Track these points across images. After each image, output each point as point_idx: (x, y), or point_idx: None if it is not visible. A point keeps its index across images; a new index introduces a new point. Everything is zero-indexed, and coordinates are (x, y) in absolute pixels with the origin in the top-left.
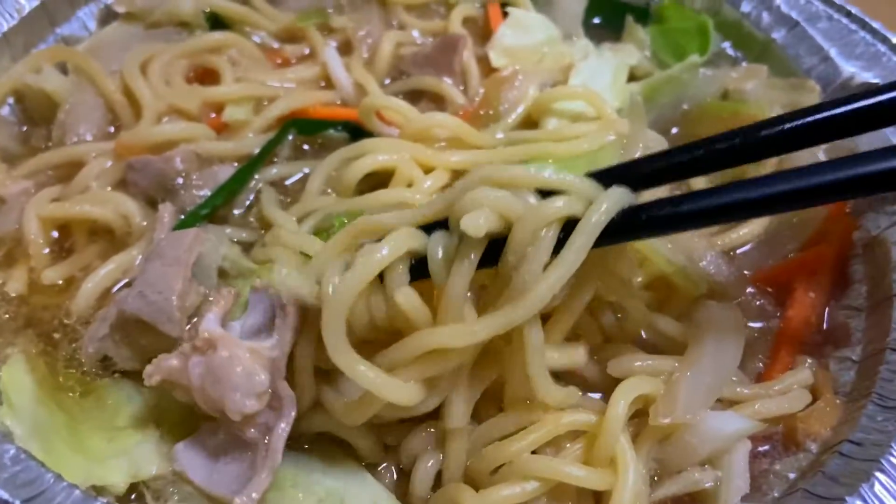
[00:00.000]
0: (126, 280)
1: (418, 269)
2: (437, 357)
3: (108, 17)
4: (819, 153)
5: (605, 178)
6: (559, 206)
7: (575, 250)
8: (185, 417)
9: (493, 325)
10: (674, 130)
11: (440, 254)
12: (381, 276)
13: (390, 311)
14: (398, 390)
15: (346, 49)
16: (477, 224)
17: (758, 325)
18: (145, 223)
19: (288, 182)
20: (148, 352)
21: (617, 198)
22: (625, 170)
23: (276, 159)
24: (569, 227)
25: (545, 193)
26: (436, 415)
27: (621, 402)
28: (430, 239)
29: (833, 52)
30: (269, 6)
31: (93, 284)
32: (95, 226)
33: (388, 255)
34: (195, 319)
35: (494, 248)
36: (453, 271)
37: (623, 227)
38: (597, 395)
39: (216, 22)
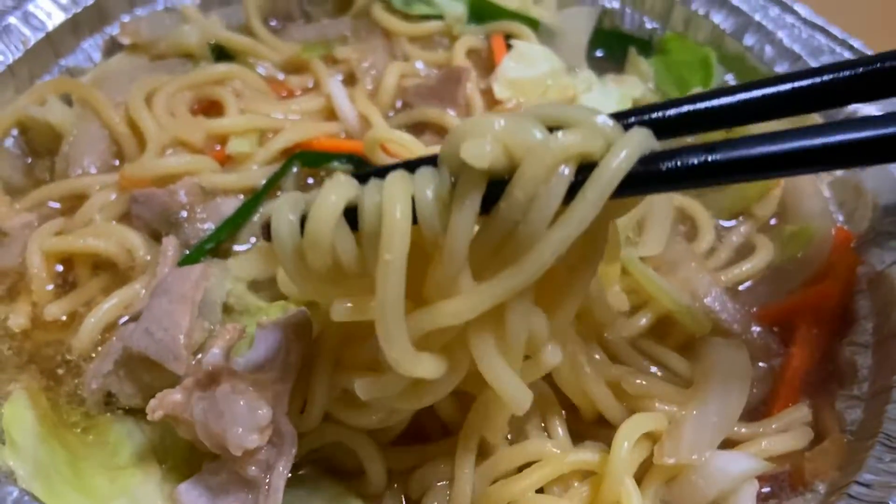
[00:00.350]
0: (129, 315)
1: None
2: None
3: (112, 48)
4: None
5: (619, 120)
6: (577, 140)
7: (591, 198)
8: (187, 456)
9: (498, 291)
10: None
11: (430, 196)
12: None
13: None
14: (416, 362)
15: (350, 80)
16: (482, 151)
17: (762, 363)
18: (149, 257)
19: None
20: (152, 388)
21: (639, 141)
22: (640, 113)
23: (280, 192)
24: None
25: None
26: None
27: (625, 444)
28: (417, 176)
29: None
30: (274, 37)
31: (95, 320)
32: (98, 259)
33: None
34: (199, 355)
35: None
36: (453, 219)
37: (643, 177)
38: None
39: (221, 53)
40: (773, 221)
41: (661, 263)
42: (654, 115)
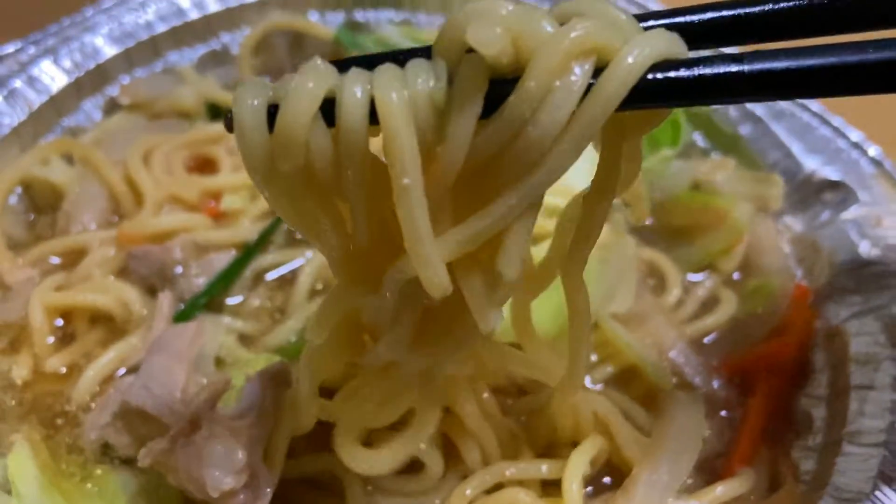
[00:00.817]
0: (125, 368)
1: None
2: None
3: (112, 108)
4: None
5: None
6: (594, 30)
7: (604, 98)
8: None
9: (511, 203)
10: (648, 221)
11: (426, 92)
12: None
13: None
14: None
15: None
16: (492, 35)
17: (723, 413)
18: (145, 311)
19: (278, 274)
20: (147, 439)
21: (664, 42)
22: (661, 17)
23: (271, 246)
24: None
25: None
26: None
27: (573, 485)
28: (409, 70)
29: (795, 149)
30: None
31: (94, 373)
32: (96, 313)
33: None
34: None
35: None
36: (454, 121)
37: (665, 85)
38: None
39: (215, 111)
40: (736, 276)
41: (630, 316)
42: (679, 20)
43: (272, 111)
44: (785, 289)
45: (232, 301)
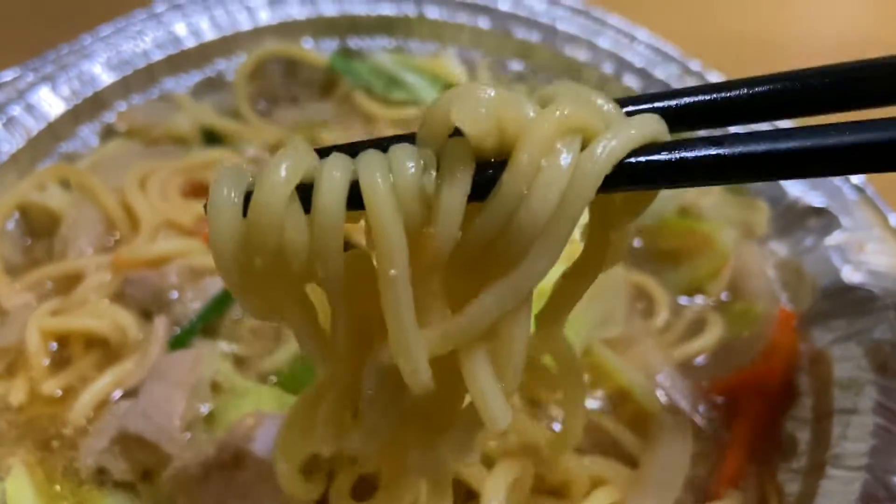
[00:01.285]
0: (121, 391)
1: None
2: None
3: (109, 134)
4: None
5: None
6: (579, 110)
7: (593, 174)
8: None
9: (504, 293)
10: (636, 243)
11: (412, 176)
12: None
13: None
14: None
15: None
16: (477, 115)
17: (709, 432)
18: (141, 335)
19: None
20: (144, 465)
21: (648, 125)
22: (643, 102)
23: None
24: None
25: None
26: None
27: None
28: (392, 154)
29: None
30: (260, 121)
31: (90, 396)
32: (92, 337)
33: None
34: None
35: None
36: (444, 200)
37: (649, 169)
38: None
39: (211, 136)
40: (723, 298)
41: (619, 340)
42: (660, 105)
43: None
44: (770, 313)
45: (228, 324)
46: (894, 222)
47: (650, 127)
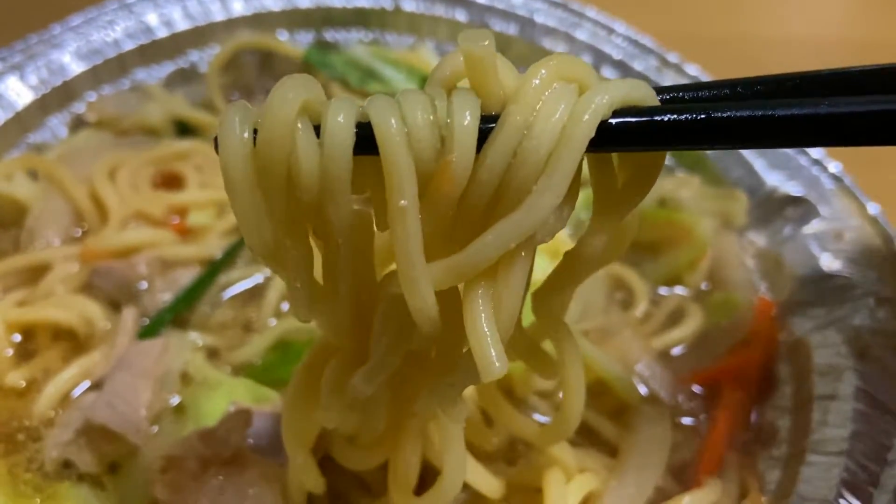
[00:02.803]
0: (87, 383)
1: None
2: None
3: (78, 124)
4: None
5: None
6: (576, 66)
7: (591, 113)
8: None
9: (500, 239)
10: None
11: (424, 112)
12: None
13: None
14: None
15: None
16: (485, 39)
17: (688, 422)
18: (109, 325)
19: (245, 287)
20: (109, 456)
21: (638, 85)
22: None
23: (238, 262)
24: None
25: None
26: None
27: None
28: (402, 95)
29: (758, 165)
30: None
31: (55, 389)
32: (59, 329)
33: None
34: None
35: None
36: (458, 131)
37: (635, 130)
38: None
39: (183, 128)
40: (702, 288)
41: (598, 331)
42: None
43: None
44: (749, 302)
45: (198, 315)
46: (872, 211)
47: (641, 88)
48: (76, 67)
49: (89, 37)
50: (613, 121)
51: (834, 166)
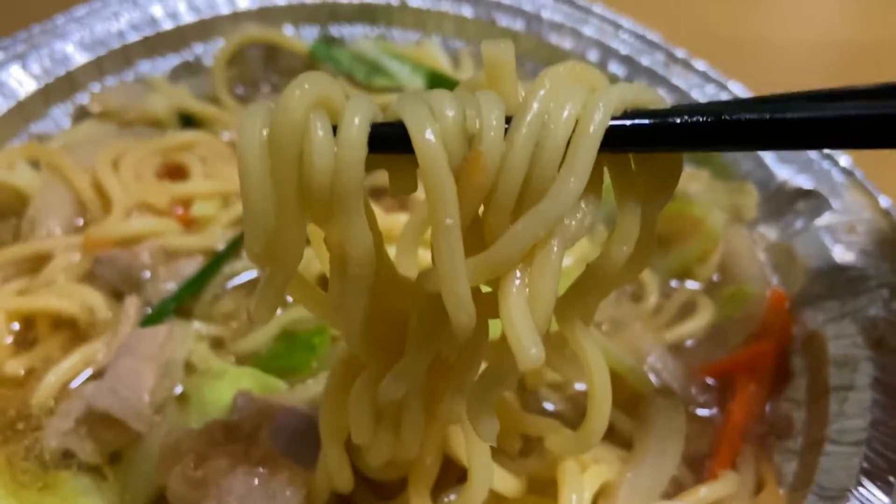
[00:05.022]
0: (88, 372)
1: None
2: None
3: (82, 115)
4: None
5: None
6: (587, 70)
7: (606, 104)
8: None
9: (529, 228)
10: None
11: (454, 115)
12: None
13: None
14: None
15: None
16: (506, 45)
17: (704, 413)
18: (111, 314)
19: (250, 277)
20: (111, 445)
21: (647, 89)
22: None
23: (242, 252)
24: None
25: None
26: None
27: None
28: (431, 98)
29: (768, 158)
30: (239, 106)
31: (55, 377)
32: (60, 318)
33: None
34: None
35: None
36: (485, 118)
37: (653, 131)
38: None
39: (187, 120)
40: (714, 280)
41: (609, 323)
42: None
43: None
44: (761, 295)
45: (202, 305)
46: (885, 204)
47: (650, 91)
48: (80, 58)
49: (93, 28)
50: (627, 122)
51: (844, 160)
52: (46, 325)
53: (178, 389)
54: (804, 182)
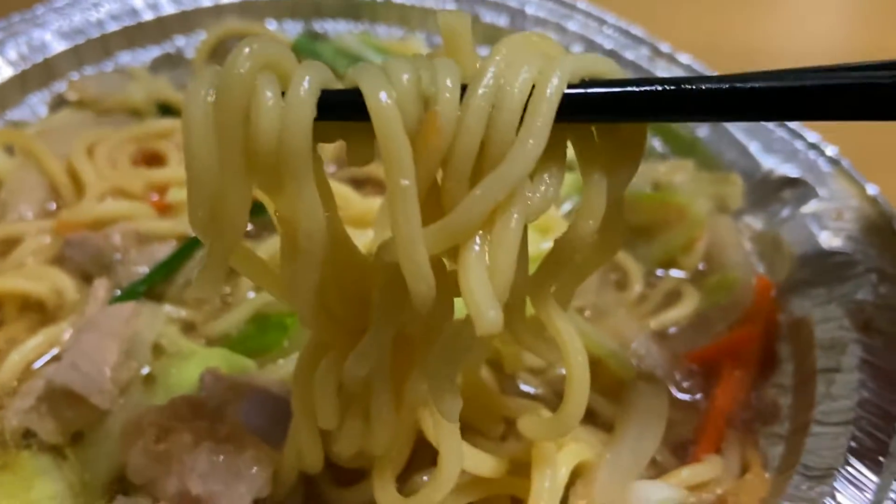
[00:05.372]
0: (53, 353)
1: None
2: None
3: (59, 104)
4: None
5: None
6: (544, 39)
7: (563, 69)
8: (103, 495)
9: (488, 192)
10: None
11: (408, 77)
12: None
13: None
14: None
15: None
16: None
17: (686, 398)
18: (79, 297)
19: None
20: (73, 424)
21: (602, 58)
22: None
23: None
24: None
25: None
26: None
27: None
28: (389, 64)
29: (752, 148)
30: None
31: (20, 357)
32: (27, 300)
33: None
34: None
35: None
36: (440, 81)
37: (613, 100)
38: None
39: (166, 110)
40: (700, 269)
41: (591, 309)
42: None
43: None
44: (747, 282)
45: (174, 289)
46: (872, 191)
47: (608, 62)
48: (58, 46)
49: (72, 17)
50: (585, 90)
51: (831, 150)
52: (14, 307)
53: (146, 370)
54: (790, 171)
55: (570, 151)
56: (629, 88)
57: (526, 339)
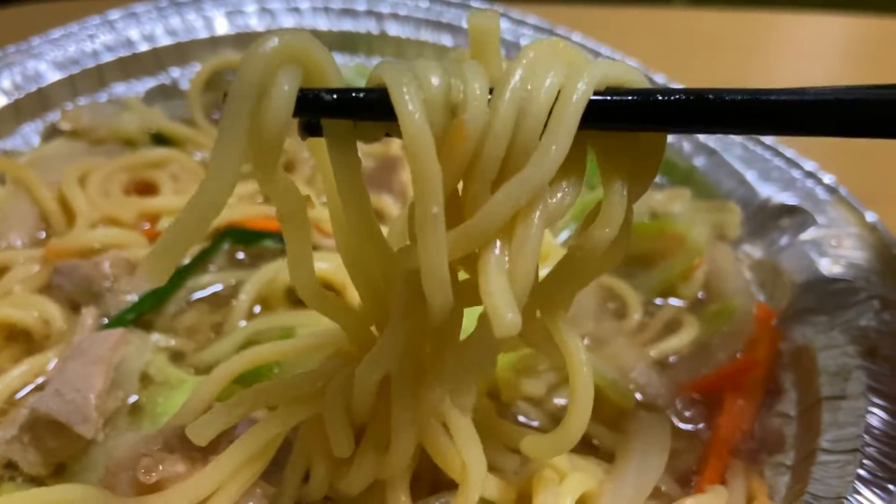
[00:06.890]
0: (38, 382)
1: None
2: None
3: (52, 133)
4: None
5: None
6: (570, 46)
7: (590, 77)
8: None
9: (511, 197)
10: None
11: (438, 86)
12: None
13: None
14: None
15: (289, 167)
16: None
17: (689, 428)
18: (66, 326)
19: (214, 291)
20: (56, 455)
21: (630, 67)
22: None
23: (210, 268)
24: None
25: None
26: None
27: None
28: (418, 66)
29: (750, 177)
30: (213, 127)
31: (2, 386)
32: (14, 329)
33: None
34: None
35: None
36: (470, 88)
37: (635, 108)
38: None
39: (160, 141)
40: (700, 297)
41: (590, 337)
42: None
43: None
44: (748, 311)
45: (164, 318)
46: (871, 219)
47: (634, 71)
48: (52, 76)
49: (67, 48)
50: (609, 97)
51: (829, 178)
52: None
53: (132, 399)
54: (788, 199)
55: None
56: (652, 97)
57: (535, 340)
